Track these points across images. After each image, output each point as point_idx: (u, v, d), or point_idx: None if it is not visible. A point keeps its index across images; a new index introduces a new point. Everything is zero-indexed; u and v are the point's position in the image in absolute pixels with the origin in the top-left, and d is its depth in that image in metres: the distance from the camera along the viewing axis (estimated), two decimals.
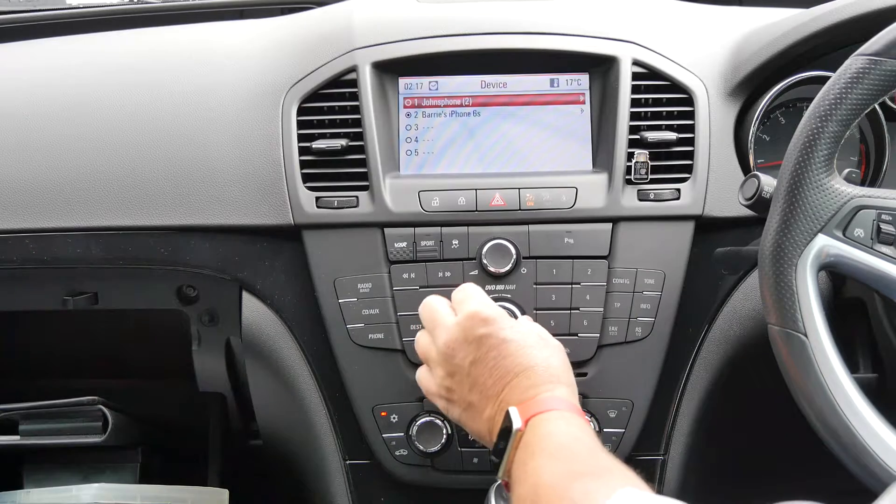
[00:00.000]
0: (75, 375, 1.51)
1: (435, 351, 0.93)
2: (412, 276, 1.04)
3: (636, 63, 1.09)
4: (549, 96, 1.11)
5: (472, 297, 0.94)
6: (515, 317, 1.00)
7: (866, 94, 0.81)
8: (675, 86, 1.09)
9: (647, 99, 1.09)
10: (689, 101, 1.09)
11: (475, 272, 1.04)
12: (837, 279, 1.11)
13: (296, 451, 1.19)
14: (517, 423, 0.80)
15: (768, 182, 0.88)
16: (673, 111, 1.09)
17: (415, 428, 1.03)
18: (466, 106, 1.12)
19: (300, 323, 1.09)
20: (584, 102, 1.11)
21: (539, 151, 1.11)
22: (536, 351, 0.87)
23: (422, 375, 0.97)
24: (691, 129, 1.08)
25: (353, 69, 1.09)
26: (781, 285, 0.83)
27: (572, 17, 1.14)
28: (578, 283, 1.04)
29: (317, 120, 1.09)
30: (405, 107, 1.12)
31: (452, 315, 0.93)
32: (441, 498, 1.08)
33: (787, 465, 1.36)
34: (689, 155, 1.07)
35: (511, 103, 1.11)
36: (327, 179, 1.07)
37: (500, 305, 1.01)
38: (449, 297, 0.98)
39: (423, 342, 0.96)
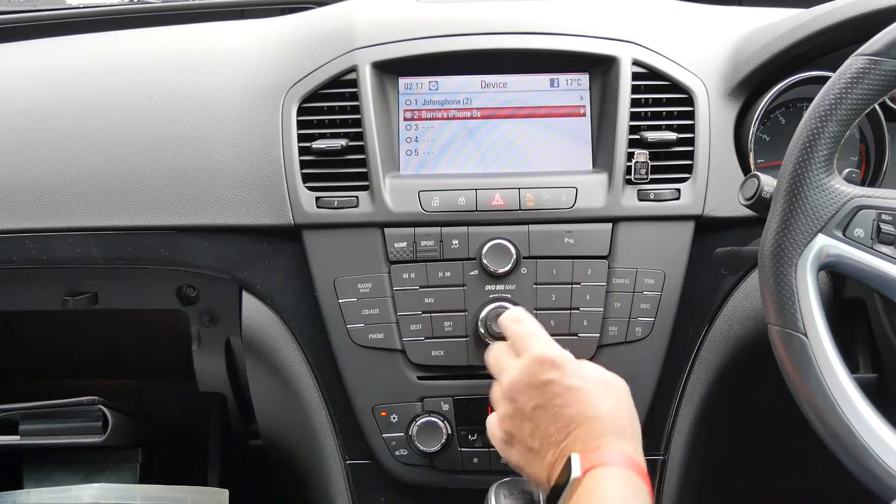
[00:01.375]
0: (75, 375, 1.51)
1: (499, 392, 0.92)
2: (412, 276, 1.04)
3: (636, 63, 1.09)
4: (549, 108, 1.11)
5: (534, 336, 0.92)
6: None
7: (866, 94, 0.81)
8: (675, 86, 1.09)
9: (647, 99, 1.09)
10: (690, 101, 1.09)
11: (475, 272, 1.04)
12: (837, 279, 1.11)
13: (296, 451, 1.19)
14: (576, 472, 0.79)
15: (768, 182, 0.88)
16: (673, 111, 1.09)
17: (415, 428, 1.03)
18: (466, 108, 1.12)
19: (300, 323, 1.09)
20: (583, 115, 1.11)
21: (539, 151, 1.11)
22: (603, 400, 0.85)
23: (490, 420, 0.95)
24: (691, 129, 1.08)
25: (353, 69, 1.09)
26: (781, 285, 0.83)
27: (572, 17, 1.14)
28: (578, 283, 1.04)
29: (317, 120, 1.09)
30: (405, 107, 1.12)
31: (515, 357, 0.92)
32: (441, 498, 1.08)
33: (787, 464, 1.36)
34: (689, 155, 1.07)
35: (513, 115, 1.11)
36: (327, 179, 1.07)
37: (500, 307, 1.02)
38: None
39: (494, 387, 0.95)
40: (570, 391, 0.85)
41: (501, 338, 1.01)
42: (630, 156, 1.06)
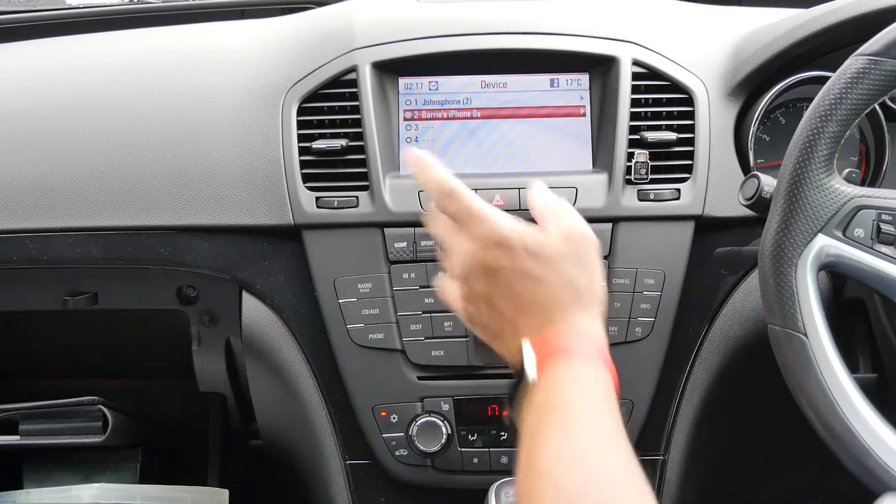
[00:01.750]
0: (75, 375, 1.51)
1: (452, 271, 0.85)
2: (412, 276, 1.04)
3: (636, 63, 1.09)
4: (549, 108, 1.11)
5: (480, 212, 0.81)
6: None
7: (866, 94, 0.81)
8: (675, 86, 1.09)
9: (647, 99, 1.09)
10: (689, 101, 1.09)
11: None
12: (837, 279, 1.11)
13: (296, 452, 1.19)
14: (531, 372, 0.74)
15: (768, 182, 0.88)
16: (673, 111, 1.09)
17: (415, 428, 1.03)
18: (466, 109, 1.12)
19: (300, 323, 1.09)
20: (583, 115, 1.11)
21: (539, 151, 1.11)
22: (558, 278, 0.78)
23: (444, 288, 0.87)
24: (691, 129, 1.08)
25: (353, 69, 1.08)
26: (781, 285, 0.83)
27: (572, 17, 1.14)
28: None
29: (317, 120, 1.09)
30: (405, 107, 1.12)
31: (460, 233, 0.83)
32: (441, 498, 1.08)
33: (787, 464, 1.36)
34: (689, 155, 1.07)
35: (514, 115, 1.11)
36: (327, 179, 1.07)
37: None
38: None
39: (441, 256, 0.87)
40: (523, 276, 0.78)
41: None
42: (630, 156, 1.06)
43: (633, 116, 1.07)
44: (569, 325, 0.77)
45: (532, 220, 0.84)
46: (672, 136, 1.07)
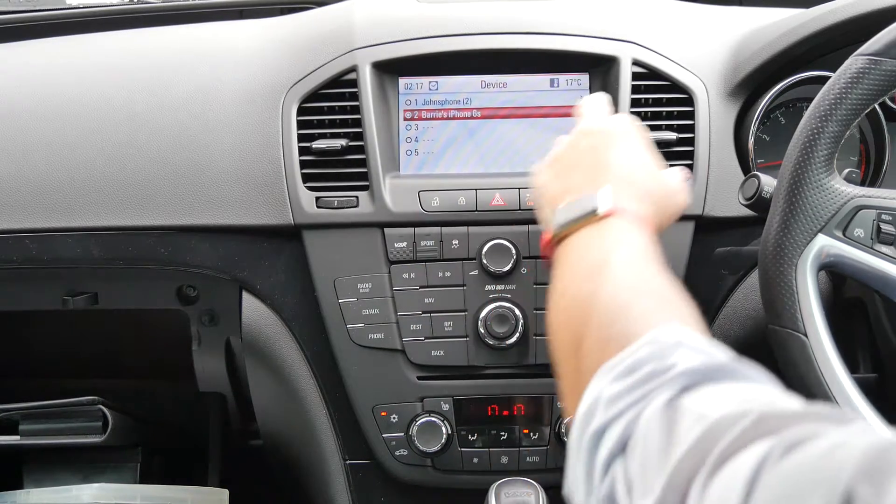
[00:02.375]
0: (75, 375, 1.51)
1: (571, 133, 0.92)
2: (412, 276, 1.04)
3: (636, 63, 1.09)
4: (549, 108, 1.11)
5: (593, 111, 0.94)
6: None
7: (866, 94, 0.81)
8: (676, 86, 1.09)
9: (647, 99, 1.09)
10: (690, 101, 1.09)
11: (475, 272, 1.04)
12: (837, 279, 1.11)
13: (296, 451, 1.19)
14: (606, 205, 0.77)
15: (768, 182, 0.88)
16: (673, 111, 1.09)
17: (415, 428, 1.03)
18: (466, 109, 1.12)
19: (300, 323, 1.09)
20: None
21: (539, 152, 1.10)
22: (638, 170, 0.85)
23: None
24: (691, 129, 1.08)
25: (353, 69, 1.08)
26: (781, 285, 0.83)
27: (572, 17, 1.14)
28: None
29: (317, 120, 1.09)
30: (405, 107, 1.12)
31: (603, 114, 0.94)
32: (441, 498, 1.08)
33: None
34: (689, 155, 1.07)
35: (513, 116, 1.11)
36: (327, 179, 1.07)
37: (500, 307, 1.02)
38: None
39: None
40: (623, 154, 0.85)
41: (503, 338, 1.01)
42: None
43: (633, 116, 1.07)
44: (637, 203, 0.81)
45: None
46: (672, 135, 1.07)
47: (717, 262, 1.03)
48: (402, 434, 1.04)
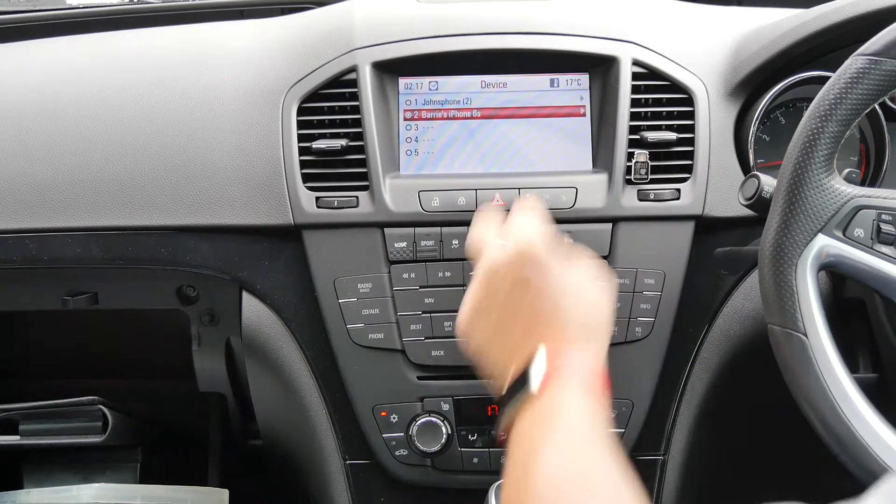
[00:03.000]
0: (75, 375, 1.51)
1: (479, 267, 0.85)
2: (412, 276, 1.04)
3: (636, 63, 1.09)
4: (549, 108, 1.11)
5: (527, 223, 0.85)
6: None
7: (866, 94, 0.81)
8: (675, 86, 1.09)
9: (647, 99, 1.09)
10: (689, 101, 1.09)
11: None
12: (837, 279, 1.11)
13: (296, 451, 1.19)
14: (535, 382, 0.74)
15: (768, 182, 0.88)
16: (673, 111, 1.09)
17: (415, 428, 1.03)
18: (466, 109, 1.12)
19: (300, 323, 1.09)
20: (583, 115, 1.11)
21: (539, 151, 1.11)
22: (577, 307, 0.80)
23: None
24: (691, 129, 1.08)
25: (353, 69, 1.09)
26: (781, 285, 0.83)
27: (572, 17, 1.14)
28: None
29: (317, 120, 1.09)
30: (405, 107, 1.12)
31: (499, 238, 0.85)
32: (441, 498, 1.08)
33: (787, 464, 1.35)
34: (689, 155, 1.07)
35: (514, 115, 1.11)
36: (327, 179, 1.07)
37: None
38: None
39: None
40: (545, 293, 0.80)
41: None
42: (630, 156, 1.06)
43: (633, 116, 1.07)
44: (575, 350, 0.77)
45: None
46: (672, 136, 1.07)
47: (717, 262, 1.03)
48: (402, 434, 1.04)
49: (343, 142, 1.06)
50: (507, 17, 1.13)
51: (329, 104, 1.09)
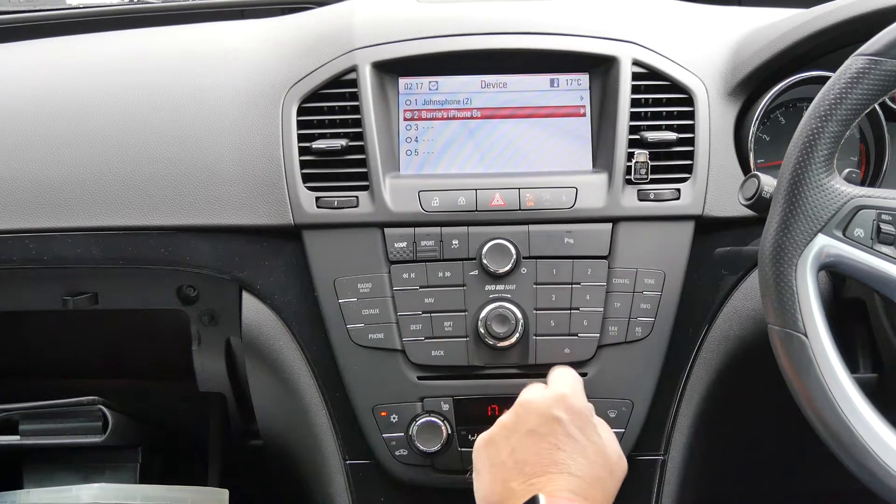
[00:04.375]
0: (75, 375, 1.51)
1: (516, 403, 0.92)
2: (412, 276, 1.04)
3: (636, 63, 1.09)
4: (549, 108, 1.11)
5: (571, 381, 0.95)
6: None
7: (866, 94, 0.81)
8: (675, 86, 1.09)
9: (647, 99, 1.09)
10: (689, 101, 1.09)
11: (475, 272, 1.04)
12: (837, 279, 1.11)
13: (296, 451, 1.19)
14: None
15: (768, 182, 0.88)
16: (673, 111, 1.09)
17: (415, 428, 1.03)
18: (466, 108, 1.12)
19: (300, 323, 1.09)
20: (583, 115, 1.11)
21: (539, 151, 1.11)
22: (591, 468, 0.85)
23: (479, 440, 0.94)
24: (691, 129, 1.08)
25: (353, 69, 1.09)
26: (781, 285, 0.83)
27: (572, 17, 1.14)
28: (578, 283, 1.04)
29: (317, 120, 1.09)
30: (405, 107, 1.12)
31: (544, 387, 0.94)
32: (441, 498, 1.08)
33: (787, 464, 1.36)
34: (689, 155, 1.07)
35: (514, 115, 1.11)
36: (327, 179, 1.07)
37: (500, 307, 1.02)
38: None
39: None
40: (569, 439, 0.86)
41: (503, 338, 1.01)
42: (630, 156, 1.06)
43: (633, 116, 1.07)
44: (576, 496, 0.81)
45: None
46: (672, 136, 1.07)
47: (717, 262, 1.03)
48: (402, 434, 1.04)
49: (343, 142, 1.06)
50: (507, 17, 1.13)
51: (329, 104, 1.09)
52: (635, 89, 1.08)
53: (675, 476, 1.10)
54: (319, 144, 1.07)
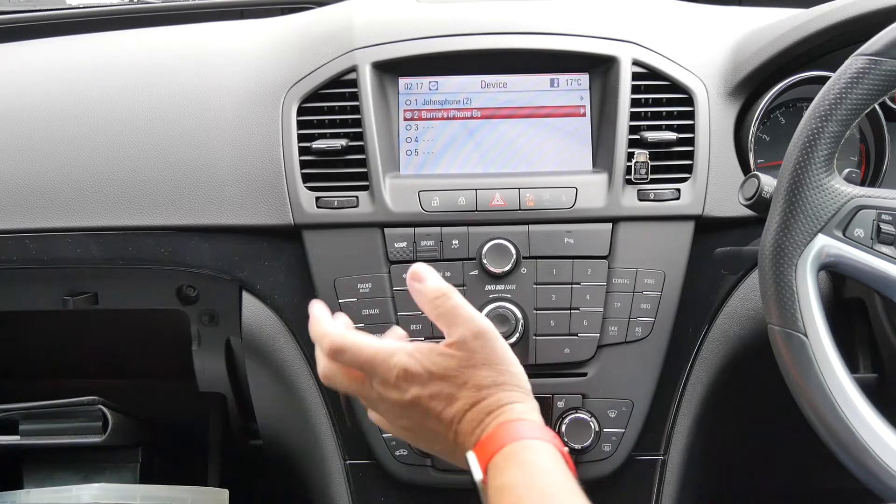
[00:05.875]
0: (75, 375, 1.51)
1: (385, 414, 0.85)
2: None
3: (636, 63, 1.09)
4: (549, 108, 1.11)
5: (384, 357, 0.82)
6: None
7: (866, 94, 0.81)
8: (675, 86, 1.09)
9: (647, 99, 1.09)
10: (689, 101, 1.09)
11: (475, 272, 1.04)
12: (837, 279, 1.11)
13: (296, 451, 1.19)
14: (478, 475, 0.74)
15: (768, 182, 0.88)
16: (673, 111, 1.09)
17: None
18: (466, 108, 1.12)
19: (300, 323, 1.09)
20: (583, 115, 1.11)
21: (539, 151, 1.11)
22: (465, 384, 0.78)
23: (374, 417, 0.90)
24: (691, 129, 1.08)
25: (353, 69, 1.09)
26: (781, 285, 0.83)
27: (572, 17, 1.14)
28: (578, 283, 1.04)
29: (317, 120, 1.09)
30: (405, 107, 1.12)
31: (363, 382, 0.84)
32: (441, 498, 1.08)
33: (787, 464, 1.36)
34: (689, 155, 1.07)
35: (514, 115, 1.11)
36: (327, 179, 1.07)
37: (500, 307, 1.02)
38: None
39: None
40: (437, 397, 0.79)
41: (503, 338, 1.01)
42: (630, 156, 1.06)
43: (633, 116, 1.07)
44: (503, 419, 0.76)
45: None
46: (672, 136, 1.07)
47: (717, 262, 1.03)
48: None
49: (343, 142, 1.06)
50: (507, 17, 1.13)
51: (329, 104, 1.09)
52: (635, 89, 1.08)
53: (675, 476, 1.10)
54: (319, 144, 1.07)
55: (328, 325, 0.86)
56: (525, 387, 0.81)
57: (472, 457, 0.75)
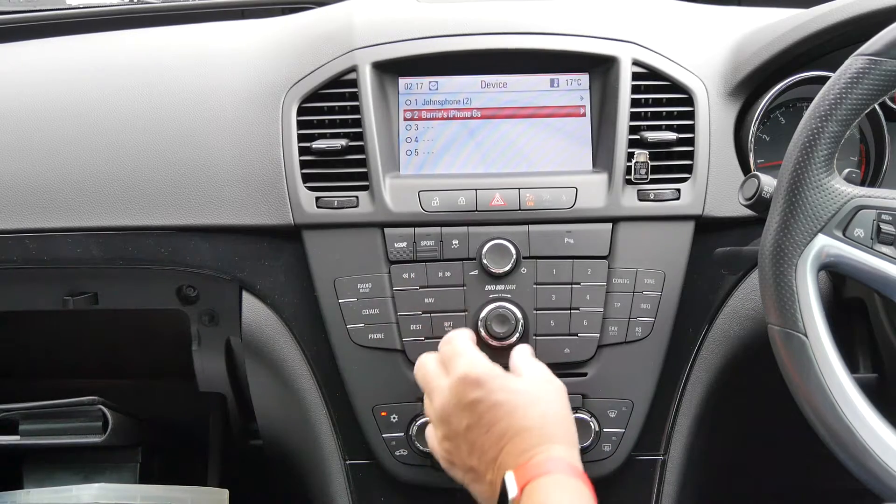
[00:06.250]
0: (75, 375, 1.51)
1: (433, 413, 0.92)
2: (412, 276, 1.04)
3: (636, 63, 1.09)
4: (549, 108, 1.11)
5: (461, 355, 0.92)
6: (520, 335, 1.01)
7: (866, 94, 0.81)
8: (675, 86, 1.09)
9: (647, 99, 1.09)
10: (690, 101, 1.09)
11: (475, 272, 1.04)
12: (837, 279, 1.11)
13: (296, 451, 1.19)
14: (513, 492, 0.78)
15: (768, 182, 0.88)
16: (673, 111, 1.09)
17: (415, 428, 1.03)
18: (466, 109, 1.12)
19: (300, 323, 1.09)
20: (583, 115, 1.11)
21: (539, 151, 1.11)
22: (530, 410, 0.85)
23: (429, 434, 0.97)
24: (691, 129, 1.08)
25: (353, 69, 1.09)
26: (781, 285, 0.83)
27: (572, 17, 1.14)
28: (578, 283, 1.04)
29: (317, 120, 1.09)
30: (405, 107, 1.12)
31: (444, 376, 0.92)
32: (441, 498, 1.08)
33: (787, 464, 1.36)
34: (689, 155, 1.07)
35: (514, 115, 1.11)
36: (327, 179, 1.07)
37: (500, 307, 1.02)
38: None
39: (425, 403, 0.96)
40: (496, 406, 0.85)
41: (503, 338, 1.01)
42: (630, 156, 1.06)
43: (633, 116, 1.07)
44: (544, 454, 0.81)
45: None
46: (672, 136, 1.07)
47: (717, 262, 1.03)
48: (402, 434, 1.04)
49: (343, 142, 1.06)
50: (507, 17, 1.13)
51: (329, 104, 1.09)
52: (635, 89, 1.08)
53: (675, 476, 1.10)
54: (319, 144, 1.07)
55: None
56: (575, 442, 0.88)
57: (510, 476, 0.80)
